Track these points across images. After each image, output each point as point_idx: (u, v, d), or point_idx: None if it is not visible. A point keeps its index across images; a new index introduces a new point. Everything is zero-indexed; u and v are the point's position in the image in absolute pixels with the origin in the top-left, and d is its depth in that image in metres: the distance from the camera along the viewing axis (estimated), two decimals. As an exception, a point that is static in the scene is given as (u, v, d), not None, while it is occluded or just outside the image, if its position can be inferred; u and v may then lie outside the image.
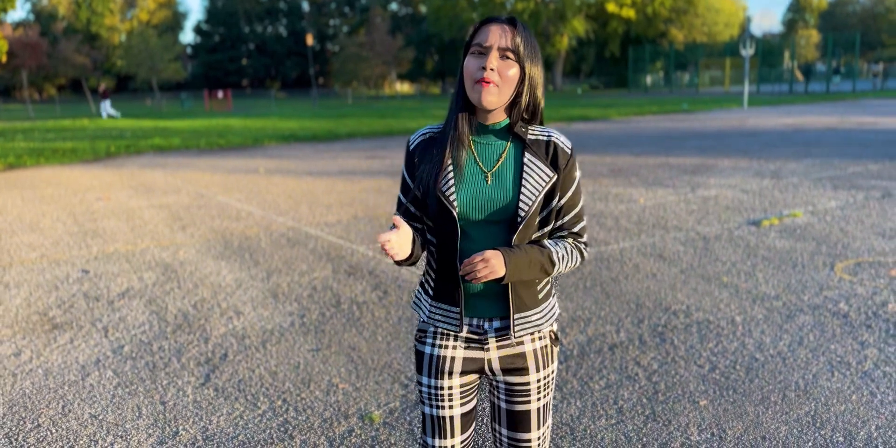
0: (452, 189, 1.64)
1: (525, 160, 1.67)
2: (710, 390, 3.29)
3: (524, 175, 1.66)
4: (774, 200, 7.79)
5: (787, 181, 9.06)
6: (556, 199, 1.69)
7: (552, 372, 1.82)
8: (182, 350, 3.98)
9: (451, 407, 1.79)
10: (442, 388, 1.77)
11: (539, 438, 1.83)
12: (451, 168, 1.66)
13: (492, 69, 1.58)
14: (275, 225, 7.33)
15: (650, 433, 2.92)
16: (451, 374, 1.76)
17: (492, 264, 1.56)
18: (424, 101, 44.65)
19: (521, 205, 1.64)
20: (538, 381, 1.79)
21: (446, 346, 1.76)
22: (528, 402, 1.80)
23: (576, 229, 1.75)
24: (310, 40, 44.97)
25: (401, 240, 1.54)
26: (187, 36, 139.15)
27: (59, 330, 4.36)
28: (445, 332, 1.76)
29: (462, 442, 1.83)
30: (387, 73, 58.51)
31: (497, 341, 1.74)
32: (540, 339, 1.78)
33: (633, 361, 3.64)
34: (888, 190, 8.19)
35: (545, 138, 1.70)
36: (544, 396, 1.81)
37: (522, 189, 1.65)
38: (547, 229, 1.72)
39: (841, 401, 3.15)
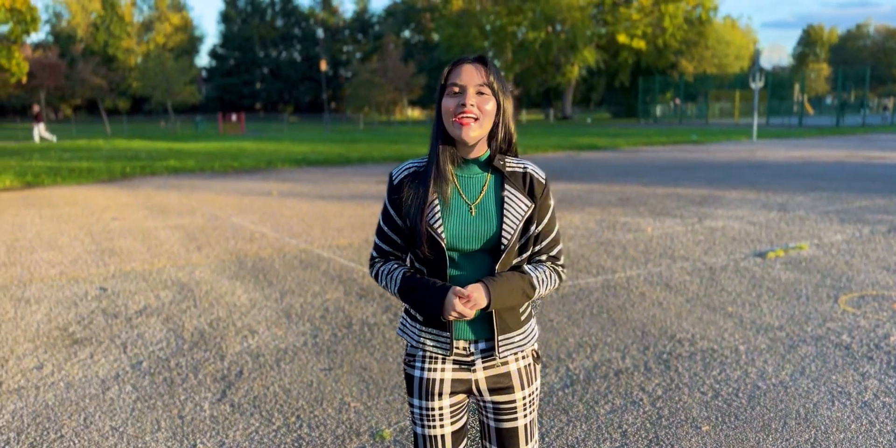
0: (440, 222, 1.75)
1: (505, 192, 1.78)
2: (712, 416, 3.37)
3: (505, 206, 1.77)
4: (781, 233, 7.89)
5: (793, 214, 9.16)
6: (534, 225, 1.81)
7: (536, 389, 1.93)
8: (199, 367, 4.09)
9: (441, 426, 1.88)
10: (432, 409, 1.86)
11: None
12: (436, 202, 1.76)
13: (471, 105, 1.70)
14: (288, 247, 7.47)
15: (653, 456, 3.01)
16: (440, 395, 1.85)
17: (474, 298, 1.68)
18: (435, 128, 44.95)
19: (503, 234, 1.75)
20: (523, 398, 1.89)
21: (435, 369, 1.84)
22: (516, 419, 1.90)
23: (553, 252, 1.88)
24: (323, 66, 45.55)
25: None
26: (203, 59, 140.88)
27: (80, 345, 4.48)
28: (434, 355, 1.84)
29: None
30: (398, 99, 59.06)
31: (483, 362, 1.83)
32: (523, 358, 1.89)
33: (638, 387, 3.73)
34: (894, 224, 8.27)
35: (521, 170, 1.82)
36: (530, 413, 1.92)
37: (504, 219, 1.76)
38: (526, 255, 1.84)
39: (840, 429, 3.23)
